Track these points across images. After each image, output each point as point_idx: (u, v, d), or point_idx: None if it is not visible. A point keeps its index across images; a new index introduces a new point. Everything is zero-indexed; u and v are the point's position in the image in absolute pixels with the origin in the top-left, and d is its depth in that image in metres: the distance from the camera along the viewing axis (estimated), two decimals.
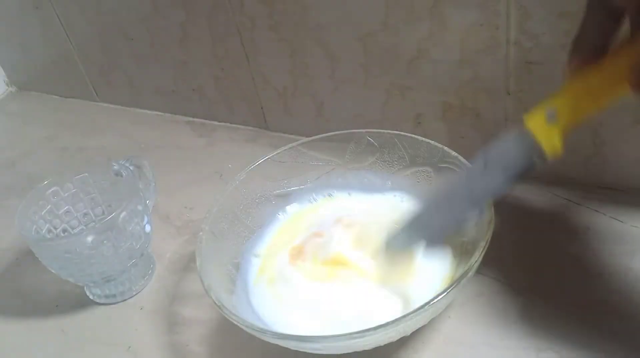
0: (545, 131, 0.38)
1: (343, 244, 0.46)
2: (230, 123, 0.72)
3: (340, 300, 0.44)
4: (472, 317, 0.45)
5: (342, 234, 0.47)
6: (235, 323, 0.40)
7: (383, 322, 0.37)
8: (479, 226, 0.42)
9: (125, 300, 0.53)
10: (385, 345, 0.40)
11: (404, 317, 0.37)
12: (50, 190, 0.53)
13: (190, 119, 0.75)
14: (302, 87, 0.63)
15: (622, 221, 0.49)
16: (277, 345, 0.40)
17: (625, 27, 0.36)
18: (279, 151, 0.52)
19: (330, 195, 0.53)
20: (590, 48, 0.36)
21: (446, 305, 0.41)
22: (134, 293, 0.53)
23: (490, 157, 0.42)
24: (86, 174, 0.54)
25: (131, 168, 0.53)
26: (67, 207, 0.54)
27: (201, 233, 0.46)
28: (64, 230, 0.54)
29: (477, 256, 0.39)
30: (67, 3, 0.73)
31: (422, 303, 0.37)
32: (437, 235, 0.44)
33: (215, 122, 0.73)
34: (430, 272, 0.44)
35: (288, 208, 0.53)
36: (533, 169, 0.40)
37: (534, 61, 0.48)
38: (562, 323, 0.43)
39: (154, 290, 0.54)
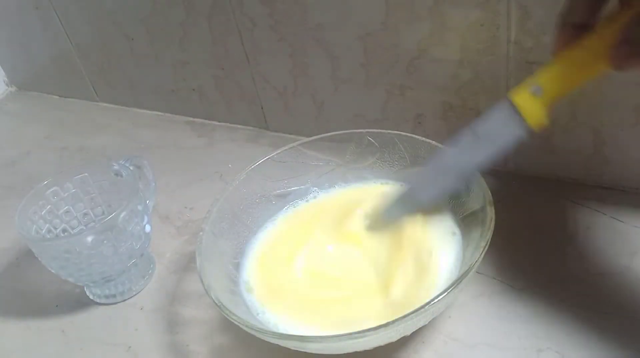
0: (529, 103, 0.40)
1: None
2: (230, 123, 0.72)
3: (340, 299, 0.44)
4: (472, 317, 0.45)
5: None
6: (235, 323, 0.40)
7: (383, 322, 0.37)
8: (480, 226, 0.42)
9: (125, 300, 0.53)
10: (385, 345, 0.40)
11: (404, 316, 0.37)
12: (50, 190, 0.53)
13: (190, 119, 0.75)
14: (302, 87, 0.63)
15: (622, 221, 0.49)
16: (277, 345, 0.40)
17: (611, 3, 0.36)
18: (279, 151, 0.52)
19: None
20: (576, 24, 0.37)
21: (446, 305, 0.42)
22: (134, 293, 0.53)
23: (477, 130, 0.43)
24: (86, 174, 0.54)
25: (131, 168, 0.53)
26: (67, 207, 0.54)
27: (201, 233, 0.46)
28: (64, 230, 0.54)
29: (477, 256, 0.39)
30: (67, 3, 0.73)
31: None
32: (426, 204, 0.47)
33: (215, 122, 0.73)
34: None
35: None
36: (519, 141, 0.41)
37: (534, 60, 0.48)
38: (562, 323, 0.43)
39: (154, 290, 0.54)
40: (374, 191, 0.51)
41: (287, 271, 0.47)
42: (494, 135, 0.42)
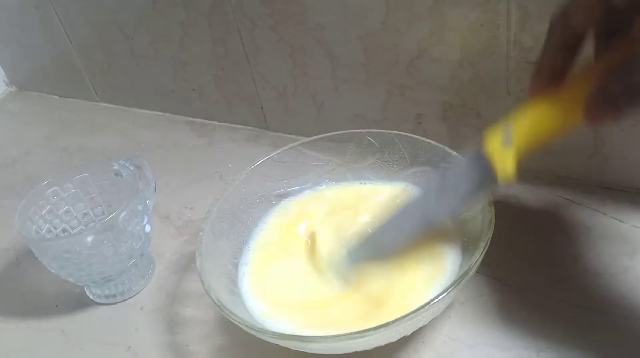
0: (500, 154, 0.38)
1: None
2: (230, 123, 0.72)
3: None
4: (472, 317, 0.45)
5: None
6: (235, 323, 0.40)
7: (383, 322, 0.37)
8: (480, 226, 0.42)
9: (125, 300, 0.53)
10: (385, 345, 0.40)
11: (404, 317, 0.37)
12: (50, 190, 0.53)
13: (190, 119, 0.75)
14: (302, 87, 0.63)
15: (622, 221, 0.49)
16: (277, 345, 0.40)
17: (586, 52, 0.36)
18: (279, 151, 0.52)
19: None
20: (549, 73, 0.36)
21: (446, 305, 0.42)
22: (134, 293, 0.53)
23: (446, 176, 0.42)
24: (86, 174, 0.54)
25: (131, 168, 0.53)
26: (67, 207, 0.54)
27: (201, 233, 0.46)
28: (64, 230, 0.54)
29: (477, 256, 0.39)
30: (67, 3, 0.73)
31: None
32: (388, 250, 0.45)
33: (215, 122, 0.73)
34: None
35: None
36: (486, 190, 0.41)
37: (534, 60, 0.48)
38: (562, 323, 0.43)
39: (154, 290, 0.54)
40: (374, 192, 0.51)
41: (286, 270, 0.47)
42: (461, 183, 0.41)
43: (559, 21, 0.35)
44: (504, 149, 0.38)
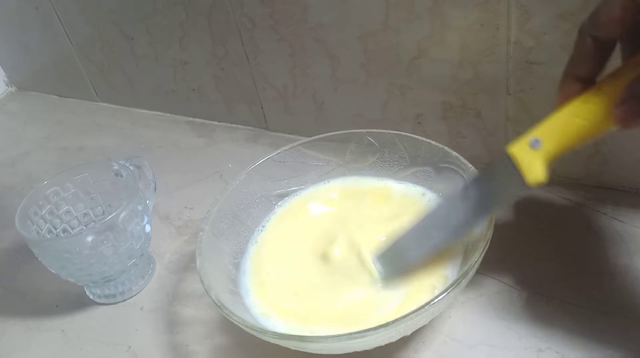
0: (527, 156, 0.38)
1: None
2: (230, 123, 0.72)
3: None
4: (472, 317, 0.45)
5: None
6: (235, 323, 0.40)
7: (383, 322, 0.37)
8: (479, 227, 0.42)
9: (125, 300, 0.53)
10: (385, 345, 0.40)
11: (404, 317, 0.37)
12: (50, 190, 0.53)
13: (190, 119, 0.75)
14: (302, 87, 0.63)
15: (622, 221, 0.49)
16: (277, 345, 0.40)
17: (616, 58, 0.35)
18: (279, 151, 0.52)
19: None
20: (579, 78, 0.36)
21: (446, 305, 0.41)
22: (134, 293, 0.53)
23: (472, 184, 0.42)
24: (86, 174, 0.54)
25: (131, 168, 0.53)
26: (67, 207, 0.54)
27: (201, 233, 0.46)
28: (64, 230, 0.54)
29: (477, 256, 0.39)
30: (67, 3, 0.73)
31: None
32: (415, 262, 0.44)
33: (215, 122, 0.73)
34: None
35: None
36: (515, 196, 0.40)
37: (534, 60, 0.48)
38: (562, 323, 0.43)
39: (154, 290, 0.54)
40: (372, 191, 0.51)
41: (286, 270, 0.47)
42: (489, 191, 0.40)
43: (589, 26, 0.35)
44: (531, 153, 0.37)
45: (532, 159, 0.37)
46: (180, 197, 0.63)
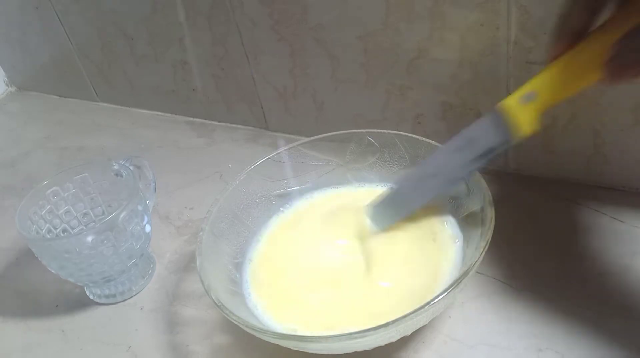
0: (518, 108, 0.40)
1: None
2: (230, 123, 0.72)
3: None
4: (472, 317, 0.45)
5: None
6: (235, 323, 0.40)
7: (383, 322, 0.37)
8: (480, 226, 0.42)
9: (125, 300, 0.53)
10: (385, 345, 0.40)
11: (404, 317, 0.37)
12: (50, 190, 0.53)
13: (190, 119, 0.75)
14: (302, 87, 0.63)
15: (622, 221, 0.49)
16: (277, 345, 0.40)
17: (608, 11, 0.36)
18: (279, 151, 0.52)
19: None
20: (573, 31, 0.36)
21: (446, 305, 0.41)
22: (134, 293, 0.53)
23: (463, 136, 0.43)
24: (86, 174, 0.54)
25: (131, 168, 0.53)
26: (67, 207, 0.54)
27: (201, 233, 0.46)
28: (64, 230, 0.54)
29: (477, 256, 0.39)
30: (67, 3, 0.73)
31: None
32: (409, 210, 0.47)
33: (215, 122, 0.73)
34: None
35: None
36: (506, 146, 0.42)
37: (534, 60, 0.48)
38: (562, 323, 0.43)
39: (154, 290, 0.54)
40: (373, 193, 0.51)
41: (286, 270, 0.47)
42: (479, 141, 0.42)
43: None
44: (521, 106, 0.40)
45: (522, 110, 0.40)
46: (180, 197, 0.63)
